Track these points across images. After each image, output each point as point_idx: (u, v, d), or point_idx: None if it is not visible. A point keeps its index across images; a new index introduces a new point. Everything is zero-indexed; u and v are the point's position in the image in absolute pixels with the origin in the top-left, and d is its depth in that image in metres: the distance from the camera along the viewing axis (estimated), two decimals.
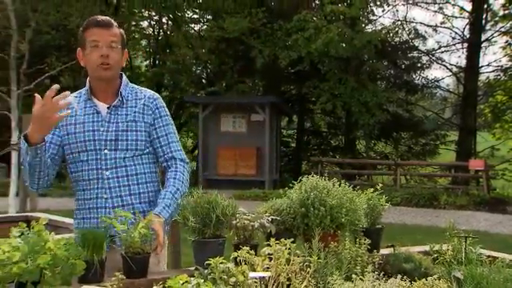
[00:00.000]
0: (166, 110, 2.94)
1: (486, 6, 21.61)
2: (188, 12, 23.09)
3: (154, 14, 23.43)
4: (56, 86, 2.46)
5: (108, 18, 2.84)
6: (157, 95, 2.94)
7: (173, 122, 2.95)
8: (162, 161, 2.89)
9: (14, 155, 7.74)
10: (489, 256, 2.98)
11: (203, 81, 25.48)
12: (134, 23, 24.43)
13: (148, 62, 26.31)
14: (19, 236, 2.24)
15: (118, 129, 2.77)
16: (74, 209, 2.90)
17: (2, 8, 9.68)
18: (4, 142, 11.17)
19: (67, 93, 2.49)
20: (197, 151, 21.13)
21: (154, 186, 2.88)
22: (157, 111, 2.87)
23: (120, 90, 2.83)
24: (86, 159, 2.77)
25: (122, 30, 2.87)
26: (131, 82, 2.99)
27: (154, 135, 2.85)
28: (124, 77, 2.90)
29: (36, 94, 2.53)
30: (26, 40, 7.56)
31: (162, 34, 25.07)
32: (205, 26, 23.94)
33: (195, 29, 24.73)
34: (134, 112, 2.82)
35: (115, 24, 2.82)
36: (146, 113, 2.84)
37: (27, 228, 2.30)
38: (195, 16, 23.81)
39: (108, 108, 2.80)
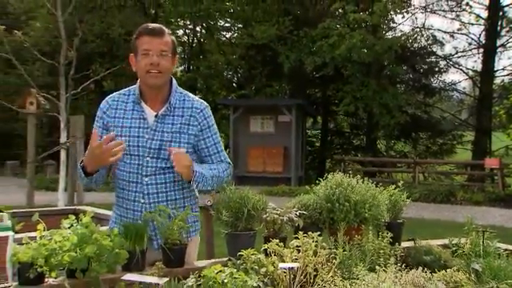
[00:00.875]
0: (213, 118, 2.83)
1: (501, 14, 21.39)
2: (220, 21, 23.18)
3: (188, 23, 23.60)
4: (112, 135, 2.49)
5: (160, 25, 2.73)
6: (204, 105, 2.81)
7: (217, 129, 2.87)
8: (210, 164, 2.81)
9: (62, 153, 7.85)
10: (506, 249, 2.93)
11: (234, 84, 25.56)
12: (170, 32, 24.65)
13: (183, 67, 26.49)
14: (69, 227, 2.27)
15: (163, 139, 2.67)
16: (114, 203, 2.87)
17: (54, 20, 9.86)
18: (54, 141, 11.38)
19: (117, 141, 2.50)
20: (228, 150, 21.19)
21: (189, 191, 2.80)
22: (205, 121, 2.76)
23: (170, 98, 2.71)
24: (128, 162, 2.69)
25: (173, 37, 2.76)
26: None
27: (203, 145, 2.77)
28: (174, 82, 2.77)
29: (94, 129, 2.59)
30: (73, 48, 7.65)
31: (196, 41, 25.22)
32: (236, 34, 24.01)
33: (227, 36, 24.83)
34: (180, 123, 2.70)
35: (167, 31, 2.72)
36: (192, 124, 2.72)
37: (75, 220, 2.34)
38: (227, 24, 23.90)
39: (155, 116, 2.69)
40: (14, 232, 2.16)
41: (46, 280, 2.13)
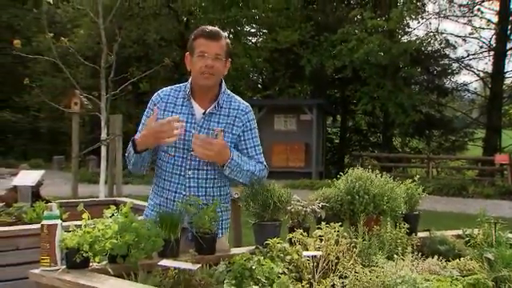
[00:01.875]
0: (255, 122, 2.79)
1: (511, 18, 21.03)
2: (247, 27, 23.19)
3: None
4: (176, 117, 2.47)
5: (217, 29, 2.67)
6: (249, 108, 2.77)
7: (258, 133, 2.80)
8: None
9: (103, 149, 7.92)
10: None
11: (259, 86, 25.56)
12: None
13: None
14: (110, 217, 2.30)
15: (209, 135, 2.61)
16: (151, 192, 2.81)
17: (95, 27, 9.97)
18: (95, 138, 11.53)
19: (183, 124, 2.50)
20: None
21: (226, 189, 2.77)
22: (248, 124, 2.72)
23: (218, 97, 2.67)
24: (173, 154, 2.65)
25: (228, 41, 2.69)
26: None
27: (243, 146, 2.71)
28: (223, 83, 2.73)
29: (155, 108, 2.55)
30: (113, 53, 7.72)
31: None
32: (261, 39, 23.99)
33: (253, 41, 24.81)
34: (226, 122, 2.66)
35: (223, 35, 2.66)
36: (237, 125, 2.68)
37: (116, 210, 2.36)
38: (253, 30, 23.91)
39: (203, 114, 2.65)
40: (61, 220, 2.19)
41: (91, 264, 2.16)
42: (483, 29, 23.05)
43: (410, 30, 22.83)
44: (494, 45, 21.86)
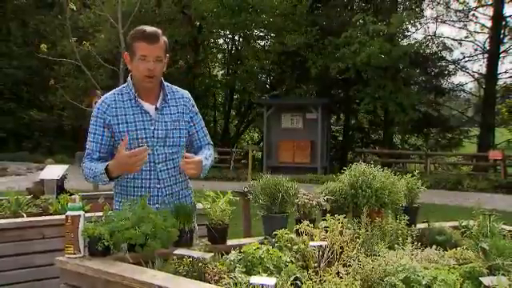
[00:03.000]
0: (195, 106, 2.77)
1: (504, 23, 20.97)
2: (255, 31, 23.13)
3: (228, 32, 23.60)
4: (145, 148, 2.41)
5: (155, 30, 2.56)
6: (189, 94, 2.75)
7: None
8: (198, 146, 2.74)
9: None
10: (509, 231, 2.87)
11: (267, 86, 25.48)
12: (212, 40, 24.72)
13: (223, 71, 26.57)
14: (129, 209, 2.30)
15: (167, 127, 2.59)
16: (115, 194, 2.69)
17: (115, 32, 10.02)
18: None
19: (146, 152, 2.41)
20: (262, 143, 21.20)
21: (185, 174, 2.67)
22: (193, 109, 2.72)
23: (165, 92, 2.63)
24: None
25: (165, 38, 2.59)
26: (208, 87, 2.84)
27: (194, 129, 2.71)
28: (162, 79, 2.65)
29: (122, 142, 2.42)
30: None
31: (234, 48, 25.23)
32: (269, 42, 23.89)
33: (261, 44, 24.74)
34: (177, 112, 2.64)
35: (160, 34, 2.56)
36: (185, 112, 2.67)
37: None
38: (261, 34, 23.81)
39: (156, 109, 2.59)
40: (84, 211, 2.20)
41: (111, 252, 2.17)
42: (478, 33, 22.99)
43: (409, 33, 22.73)
44: (488, 48, 21.74)
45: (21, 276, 3.39)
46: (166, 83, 2.69)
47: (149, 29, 2.56)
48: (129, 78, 2.65)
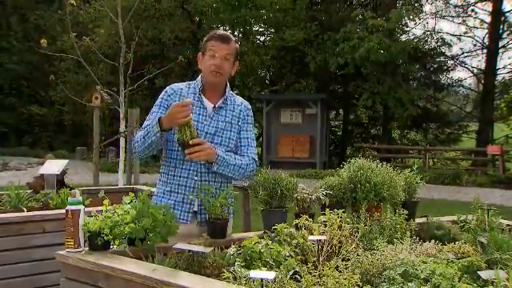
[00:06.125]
0: (253, 121, 2.85)
1: (502, 19, 20.92)
2: (255, 26, 23.08)
3: (227, 28, 23.55)
4: (188, 100, 2.43)
5: (228, 33, 2.75)
6: (250, 107, 2.86)
7: (253, 130, 2.85)
8: (240, 155, 2.75)
9: (121, 140, 7.93)
10: (507, 225, 2.89)
11: (267, 81, 25.45)
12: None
13: None
14: (129, 203, 2.30)
15: (218, 126, 2.67)
16: (158, 181, 2.77)
17: (115, 27, 9.98)
18: (115, 130, 11.56)
19: (189, 101, 2.44)
20: (261, 138, 21.19)
21: (229, 178, 2.72)
22: (248, 118, 2.79)
23: (225, 94, 2.74)
24: None
25: (237, 45, 2.76)
26: None
27: (240, 136, 2.75)
28: (227, 83, 2.78)
29: (176, 102, 2.46)
30: (131, 51, 7.71)
31: None
32: (268, 37, 23.84)
33: (261, 39, 24.69)
34: (233, 116, 2.73)
35: (233, 39, 2.73)
36: (240, 117, 2.75)
37: (134, 197, 2.37)
38: (261, 29, 23.76)
39: (214, 108, 2.70)
40: (84, 206, 2.20)
41: (111, 246, 2.17)
42: (477, 28, 22.98)
43: (408, 29, 22.65)
44: (487, 43, 21.71)
45: (21, 270, 3.39)
46: (230, 90, 2.80)
47: (223, 32, 2.77)
48: (200, 76, 2.77)
